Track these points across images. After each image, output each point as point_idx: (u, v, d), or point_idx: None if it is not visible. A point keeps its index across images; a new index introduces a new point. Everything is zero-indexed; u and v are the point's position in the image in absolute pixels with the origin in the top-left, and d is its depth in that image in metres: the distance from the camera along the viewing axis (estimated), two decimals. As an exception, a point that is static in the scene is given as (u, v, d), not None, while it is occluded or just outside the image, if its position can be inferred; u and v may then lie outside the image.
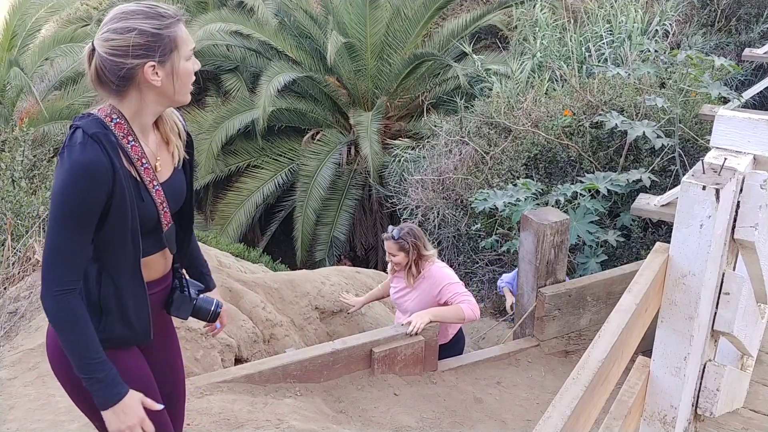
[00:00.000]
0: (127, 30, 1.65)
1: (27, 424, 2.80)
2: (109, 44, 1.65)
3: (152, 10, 1.68)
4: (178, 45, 1.70)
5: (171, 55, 1.69)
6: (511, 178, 6.64)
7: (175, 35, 1.69)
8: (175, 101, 1.78)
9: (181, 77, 1.73)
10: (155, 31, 1.66)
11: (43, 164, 7.29)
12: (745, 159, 1.99)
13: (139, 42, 1.64)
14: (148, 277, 1.87)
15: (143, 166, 1.75)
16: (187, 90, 1.78)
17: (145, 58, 1.66)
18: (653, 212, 4.74)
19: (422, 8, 11.90)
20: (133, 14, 1.67)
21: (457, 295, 3.73)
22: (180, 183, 1.90)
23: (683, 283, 1.89)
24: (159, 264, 1.92)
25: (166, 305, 1.99)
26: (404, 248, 3.78)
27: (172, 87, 1.73)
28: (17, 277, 4.13)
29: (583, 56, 8.45)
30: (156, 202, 1.80)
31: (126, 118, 1.74)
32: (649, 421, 2.11)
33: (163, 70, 1.69)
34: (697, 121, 6.29)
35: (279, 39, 11.91)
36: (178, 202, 1.91)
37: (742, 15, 9.52)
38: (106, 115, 1.74)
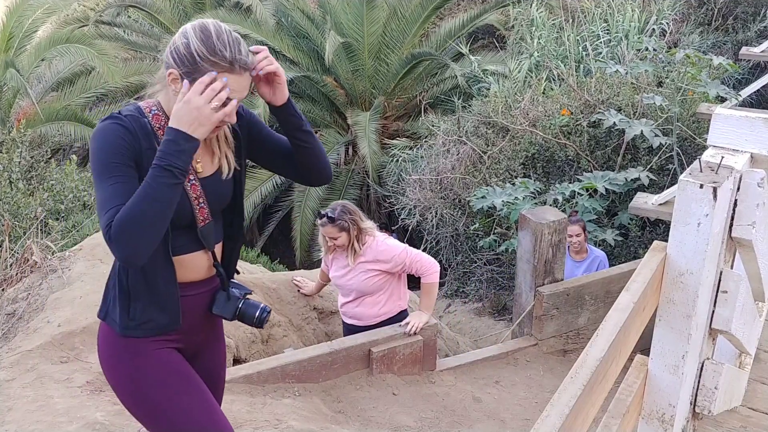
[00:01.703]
0: (183, 35, 1.69)
1: (25, 425, 2.79)
2: (178, 34, 1.72)
3: (216, 41, 1.67)
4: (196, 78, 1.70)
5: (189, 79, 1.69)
6: (509, 178, 6.65)
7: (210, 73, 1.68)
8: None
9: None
10: (194, 54, 1.66)
11: (41, 165, 7.28)
12: (742, 157, 1.99)
13: (180, 49, 1.68)
14: (190, 277, 1.86)
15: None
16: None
17: (175, 64, 1.69)
18: (651, 211, 4.75)
19: (419, 8, 11.90)
20: (201, 30, 1.69)
21: (419, 263, 3.68)
22: (225, 186, 1.89)
23: (681, 282, 1.89)
24: (200, 264, 1.89)
25: (209, 305, 1.96)
26: (344, 228, 3.67)
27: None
28: (15, 278, 4.12)
29: (580, 55, 8.46)
30: (190, 195, 1.79)
31: (164, 111, 1.78)
32: (647, 420, 2.11)
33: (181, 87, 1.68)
34: (694, 120, 6.30)
35: (277, 39, 11.91)
36: (220, 202, 1.90)
37: (739, 14, 9.53)
38: (147, 105, 1.79)
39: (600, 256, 5.08)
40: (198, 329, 1.95)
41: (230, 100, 1.69)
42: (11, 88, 10.67)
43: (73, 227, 5.18)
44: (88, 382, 3.12)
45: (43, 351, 3.27)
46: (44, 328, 3.44)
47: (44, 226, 5.19)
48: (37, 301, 3.76)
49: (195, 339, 1.96)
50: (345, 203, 3.77)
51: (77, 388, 3.07)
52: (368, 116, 10.84)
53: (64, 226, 5.27)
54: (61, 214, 5.93)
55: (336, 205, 3.74)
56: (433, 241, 7.40)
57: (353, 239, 3.70)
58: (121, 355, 1.86)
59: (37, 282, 3.92)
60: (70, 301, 3.62)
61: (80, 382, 3.11)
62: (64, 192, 6.26)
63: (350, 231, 3.68)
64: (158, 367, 1.85)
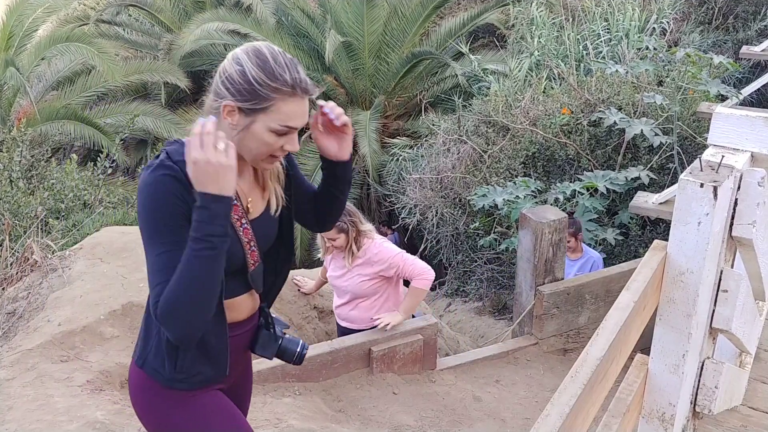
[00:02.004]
0: (237, 61, 1.56)
1: (26, 424, 2.79)
2: (225, 62, 1.59)
3: (273, 65, 1.55)
4: (269, 112, 1.56)
5: (254, 114, 1.56)
6: (509, 177, 6.64)
7: (271, 101, 1.55)
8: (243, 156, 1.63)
9: (254, 140, 1.59)
10: (252, 82, 1.53)
11: (41, 164, 7.28)
12: (742, 156, 1.99)
13: (234, 78, 1.54)
14: (234, 318, 1.77)
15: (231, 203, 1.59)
16: (257, 157, 1.63)
17: (230, 95, 1.55)
18: (651, 210, 4.75)
19: (419, 7, 11.89)
20: (256, 54, 1.56)
21: (413, 267, 3.63)
22: (273, 224, 1.80)
23: (681, 281, 1.89)
24: (246, 305, 1.81)
25: (250, 344, 1.89)
26: (343, 229, 3.63)
27: (241, 141, 1.59)
28: (15, 277, 4.12)
29: (580, 54, 8.45)
30: (242, 240, 1.68)
31: None
32: (647, 419, 2.11)
33: (239, 119, 1.57)
34: (695, 119, 6.30)
35: (277, 38, 11.90)
36: (267, 242, 1.80)
37: (740, 13, 9.53)
38: None
39: (594, 257, 5.08)
40: (237, 366, 1.87)
41: (292, 129, 1.58)
42: (11, 87, 10.67)
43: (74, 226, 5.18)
44: (88, 381, 3.12)
45: (44, 350, 3.27)
46: (44, 327, 3.44)
47: (44, 225, 5.19)
48: (37, 300, 3.76)
49: (233, 375, 1.87)
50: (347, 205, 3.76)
51: (77, 387, 3.07)
52: (368, 115, 10.84)
53: (65, 225, 5.27)
54: (61, 213, 5.93)
55: None
56: (433, 240, 7.40)
57: (351, 241, 3.67)
58: (163, 406, 1.76)
59: (37, 281, 3.93)
60: (71, 300, 3.62)
61: (80, 381, 3.11)
62: (64, 191, 6.26)
63: (349, 233, 3.65)
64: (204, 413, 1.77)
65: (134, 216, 5.37)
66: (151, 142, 11.76)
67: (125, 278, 3.82)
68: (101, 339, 3.41)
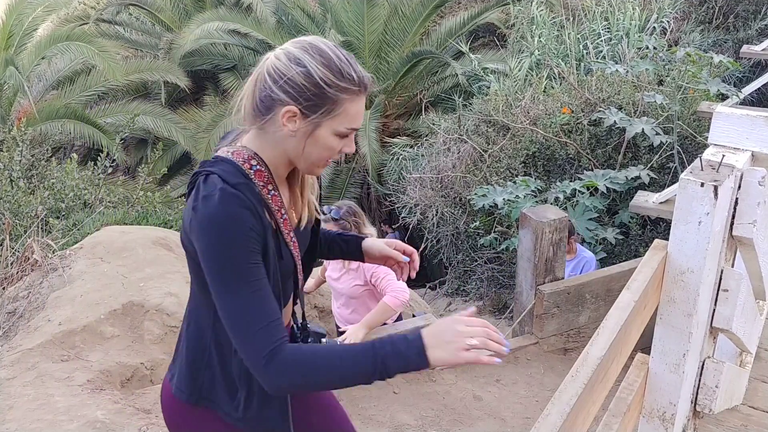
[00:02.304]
0: (297, 61, 1.40)
1: (26, 423, 2.79)
2: (274, 62, 1.42)
3: (338, 63, 1.42)
4: (336, 114, 1.43)
5: (320, 118, 1.42)
6: (509, 176, 6.64)
7: (340, 102, 1.42)
8: (296, 163, 1.51)
9: (316, 146, 1.46)
10: (320, 83, 1.39)
11: (42, 164, 7.28)
12: (743, 156, 1.99)
13: (297, 80, 1.39)
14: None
15: (282, 218, 1.51)
16: (315, 164, 1.50)
17: (292, 99, 1.40)
18: (652, 209, 4.75)
19: (420, 6, 11.90)
20: (317, 53, 1.41)
21: (388, 282, 3.52)
22: (306, 236, 1.68)
23: (682, 280, 1.89)
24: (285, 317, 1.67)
25: None
26: (345, 228, 3.52)
27: (301, 149, 1.46)
28: (16, 277, 4.12)
29: (581, 54, 8.45)
30: (293, 255, 1.57)
31: (266, 163, 1.48)
32: (648, 418, 2.11)
33: (301, 125, 1.43)
34: (695, 118, 6.29)
35: (277, 37, 11.91)
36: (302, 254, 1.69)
37: (740, 12, 9.53)
38: (244, 160, 1.46)
39: (588, 258, 5.07)
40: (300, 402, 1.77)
41: (353, 131, 1.47)
42: (11, 86, 10.67)
43: (74, 226, 5.18)
44: (88, 381, 3.12)
45: (44, 349, 3.27)
46: (45, 327, 3.44)
47: (45, 225, 5.19)
48: (37, 299, 3.76)
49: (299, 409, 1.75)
50: (351, 205, 3.65)
51: (78, 386, 3.07)
52: (369, 115, 10.85)
53: (65, 224, 5.26)
54: (61, 213, 5.93)
55: (342, 205, 3.62)
56: (433, 240, 7.40)
57: None
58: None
59: (37, 280, 3.93)
60: (71, 300, 3.62)
61: (81, 380, 3.12)
62: (64, 190, 6.26)
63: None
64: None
65: (134, 216, 5.37)
66: (151, 141, 11.76)
67: (125, 278, 3.83)
68: (101, 338, 3.42)
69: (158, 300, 3.66)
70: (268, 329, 1.38)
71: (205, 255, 1.38)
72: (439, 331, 1.37)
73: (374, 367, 1.36)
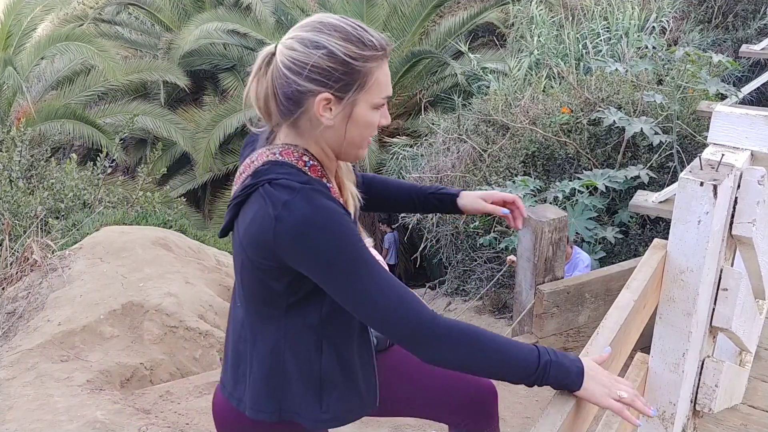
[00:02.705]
0: (315, 45, 1.31)
1: (26, 424, 2.79)
2: (288, 53, 1.33)
3: (355, 32, 1.33)
4: (369, 86, 1.34)
5: (355, 95, 1.34)
6: (509, 176, 6.64)
7: (369, 72, 1.34)
8: (339, 152, 1.43)
9: (357, 126, 1.38)
10: (346, 60, 1.31)
11: (41, 164, 7.28)
12: (742, 155, 1.99)
13: (322, 65, 1.31)
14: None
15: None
16: (358, 146, 1.42)
17: (322, 86, 1.32)
18: (651, 209, 4.75)
19: (419, 6, 11.90)
20: (331, 29, 1.33)
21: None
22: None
23: (681, 280, 1.89)
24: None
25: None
26: None
27: (343, 134, 1.38)
28: (15, 277, 4.12)
29: (580, 53, 8.45)
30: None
31: (317, 157, 1.40)
32: (647, 418, 2.11)
33: (338, 109, 1.34)
34: (694, 118, 6.30)
35: (276, 37, 11.82)
36: None
37: (739, 11, 9.53)
38: (297, 158, 1.38)
39: (582, 259, 5.07)
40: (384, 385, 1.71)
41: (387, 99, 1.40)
42: (10, 86, 10.67)
43: (73, 226, 5.18)
44: (88, 381, 3.12)
45: (44, 350, 3.27)
46: (44, 327, 3.44)
47: (44, 225, 5.19)
48: (37, 299, 3.76)
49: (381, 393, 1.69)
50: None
51: (77, 386, 3.07)
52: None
53: (64, 224, 5.26)
54: (61, 213, 5.92)
55: None
56: (433, 239, 7.40)
57: None
58: None
59: (37, 281, 3.93)
60: (70, 300, 3.62)
61: (80, 380, 3.11)
62: (64, 191, 6.26)
63: None
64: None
65: (134, 216, 5.37)
66: (150, 141, 11.76)
67: (125, 278, 3.82)
68: (101, 338, 3.42)
69: (158, 300, 3.66)
70: (416, 299, 1.31)
71: (315, 257, 1.29)
72: (597, 369, 1.39)
73: (536, 369, 1.34)
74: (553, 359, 1.36)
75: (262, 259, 1.35)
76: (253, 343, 1.49)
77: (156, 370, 3.41)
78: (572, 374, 1.36)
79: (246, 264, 1.40)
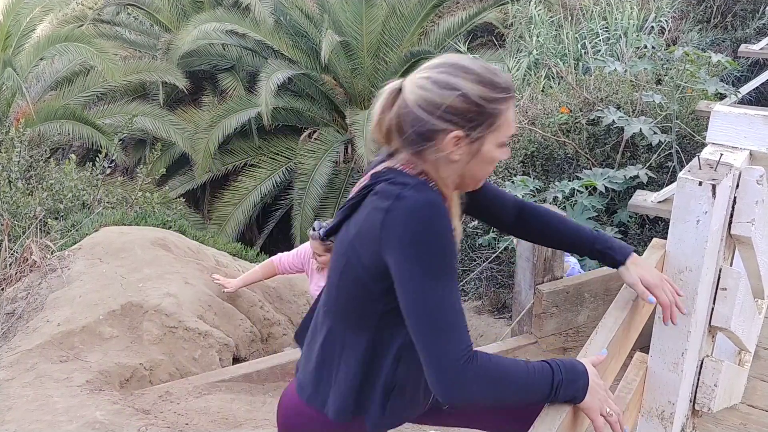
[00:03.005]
0: (449, 87, 1.37)
1: (25, 424, 2.79)
2: (420, 94, 1.39)
3: (487, 74, 1.39)
4: (498, 126, 1.41)
5: (484, 134, 1.40)
6: (508, 176, 6.64)
7: (499, 113, 1.40)
8: (461, 185, 1.49)
9: (482, 162, 1.44)
10: (479, 102, 1.37)
11: (40, 165, 7.27)
12: (741, 155, 1.99)
13: (457, 106, 1.36)
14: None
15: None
16: (479, 179, 1.49)
17: (454, 125, 1.37)
18: (650, 209, 4.75)
19: (418, 6, 11.90)
20: (466, 72, 1.39)
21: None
22: None
23: (680, 279, 1.89)
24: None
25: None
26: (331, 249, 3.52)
27: (467, 168, 1.44)
28: (14, 277, 4.12)
29: (579, 53, 8.46)
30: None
31: (435, 182, 1.43)
32: (647, 417, 2.11)
33: (466, 146, 1.40)
34: (693, 117, 6.30)
35: (275, 38, 11.90)
36: None
37: (738, 11, 9.54)
38: (417, 173, 1.43)
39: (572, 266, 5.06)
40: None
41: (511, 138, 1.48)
42: (9, 87, 10.66)
43: (72, 226, 5.17)
44: (87, 382, 3.12)
45: (43, 350, 3.27)
46: (44, 328, 3.44)
47: (43, 226, 5.19)
48: (36, 300, 3.76)
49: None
50: None
51: (77, 387, 3.07)
52: (366, 115, 10.84)
53: (64, 225, 5.25)
54: (60, 214, 5.92)
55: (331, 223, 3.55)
56: (432, 240, 7.40)
57: None
58: None
59: (36, 281, 3.92)
60: (70, 301, 3.62)
61: (80, 381, 3.11)
62: (63, 191, 6.25)
63: None
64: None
65: (133, 216, 5.37)
66: (149, 142, 11.75)
67: (124, 278, 3.82)
68: (100, 339, 3.41)
69: (157, 300, 3.66)
70: (465, 330, 1.33)
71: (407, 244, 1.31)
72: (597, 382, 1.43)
73: (550, 391, 1.38)
74: (564, 378, 1.40)
75: (369, 254, 1.40)
76: (342, 348, 1.54)
77: (155, 370, 3.41)
78: (579, 392, 1.41)
79: (351, 263, 1.45)
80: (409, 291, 1.34)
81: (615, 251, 1.74)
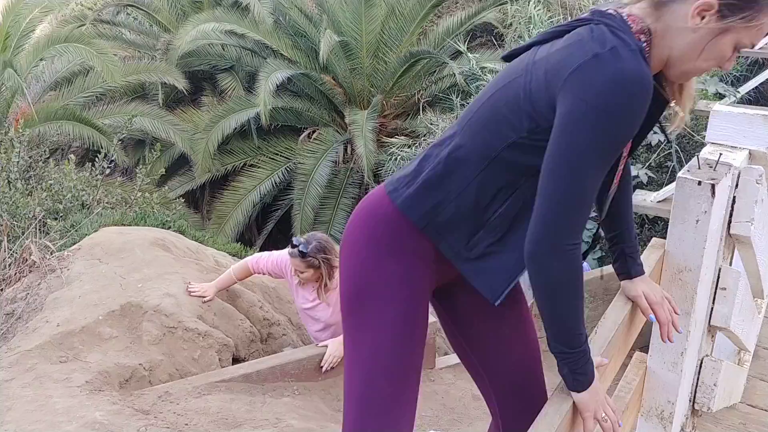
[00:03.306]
0: None
1: (25, 425, 2.79)
2: None
3: None
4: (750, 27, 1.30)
5: (735, 22, 1.28)
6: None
7: (760, 16, 1.29)
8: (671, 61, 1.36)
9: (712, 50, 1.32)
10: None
11: (39, 165, 7.27)
12: (740, 154, 1.99)
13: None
14: None
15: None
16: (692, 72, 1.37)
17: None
18: (650, 208, 4.75)
19: (417, 6, 11.90)
20: None
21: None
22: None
23: (680, 279, 1.89)
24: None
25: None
26: (313, 265, 3.43)
27: (693, 47, 1.31)
28: (14, 278, 4.12)
29: (578, 53, 8.45)
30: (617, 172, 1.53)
31: (651, 45, 1.32)
32: (646, 417, 2.11)
33: (710, 23, 1.29)
34: (693, 117, 6.30)
35: (274, 38, 11.90)
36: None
37: (737, 11, 9.54)
38: (638, 31, 1.30)
39: None
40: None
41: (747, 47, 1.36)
42: (9, 88, 10.65)
43: (72, 227, 5.17)
44: (87, 382, 3.12)
45: (42, 351, 3.27)
46: (43, 328, 3.43)
47: (43, 226, 5.18)
48: (35, 300, 3.76)
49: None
50: (322, 239, 3.50)
51: (76, 387, 3.07)
52: (366, 115, 10.84)
53: (63, 225, 5.25)
54: (59, 214, 5.91)
55: (311, 239, 3.48)
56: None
57: (324, 276, 3.48)
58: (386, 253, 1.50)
59: (35, 282, 3.92)
60: (69, 301, 3.62)
61: (79, 381, 3.11)
62: (62, 192, 6.25)
63: (321, 268, 3.45)
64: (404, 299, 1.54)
65: (132, 216, 5.36)
66: (149, 142, 11.75)
67: (124, 278, 3.82)
68: (100, 339, 3.41)
69: (156, 301, 3.66)
70: (578, 226, 1.29)
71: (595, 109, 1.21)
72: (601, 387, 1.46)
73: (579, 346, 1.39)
74: (584, 359, 1.42)
75: (543, 86, 1.30)
76: (447, 152, 1.45)
77: (155, 370, 3.41)
78: (588, 375, 1.43)
79: (517, 81, 1.35)
80: (565, 151, 1.25)
81: (636, 263, 1.74)
